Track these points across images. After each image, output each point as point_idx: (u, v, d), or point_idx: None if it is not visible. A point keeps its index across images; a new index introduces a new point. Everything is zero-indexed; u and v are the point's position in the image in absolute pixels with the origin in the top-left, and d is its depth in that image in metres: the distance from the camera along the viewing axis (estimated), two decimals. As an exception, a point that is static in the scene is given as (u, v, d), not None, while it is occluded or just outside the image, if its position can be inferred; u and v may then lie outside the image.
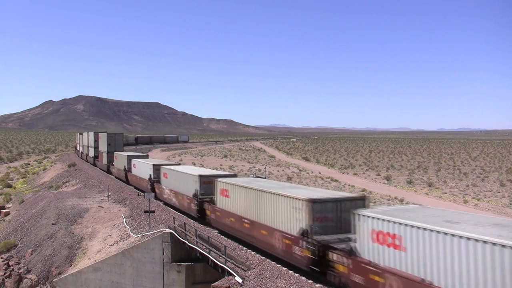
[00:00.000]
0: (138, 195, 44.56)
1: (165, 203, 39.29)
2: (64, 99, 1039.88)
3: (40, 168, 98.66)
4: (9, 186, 74.47)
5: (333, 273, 17.48)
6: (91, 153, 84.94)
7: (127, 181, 53.61)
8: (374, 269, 15.43)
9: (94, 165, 79.94)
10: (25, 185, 76.86)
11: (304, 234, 18.97)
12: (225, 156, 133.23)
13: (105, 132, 77.89)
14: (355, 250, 16.58)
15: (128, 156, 55.48)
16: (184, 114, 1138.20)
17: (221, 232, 27.94)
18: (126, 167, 54.13)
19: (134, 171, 50.44)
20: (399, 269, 14.60)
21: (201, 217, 30.73)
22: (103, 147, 72.53)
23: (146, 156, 59.40)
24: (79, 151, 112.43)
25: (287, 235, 20.31)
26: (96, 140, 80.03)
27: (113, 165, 63.76)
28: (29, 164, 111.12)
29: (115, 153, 63.81)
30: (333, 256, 17.48)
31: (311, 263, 18.42)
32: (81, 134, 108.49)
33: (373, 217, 15.77)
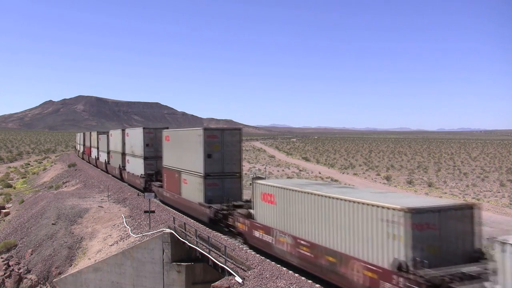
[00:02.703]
0: (138, 195, 44.55)
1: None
2: (64, 99, 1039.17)
3: (40, 168, 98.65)
4: (9, 186, 74.49)
5: None
6: (137, 167, 46.01)
7: None
8: None
9: (146, 189, 41.51)
10: (25, 185, 76.86)
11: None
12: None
13: (198, 128, 31.43)
14: None
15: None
16: (184, 114, 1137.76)
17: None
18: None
19: None
20: None
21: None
22: (189, 161, 32.03)
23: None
24: (95, 158, 76.59)
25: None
26: (149, 144, 43.81)
27: (250, 221, 23.76)
28: (29, 164, 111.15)
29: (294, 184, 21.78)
30: None
31: None
32: (102, 133, 72.59)
33: None
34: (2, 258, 34.27)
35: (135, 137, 47.28)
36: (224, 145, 29.74)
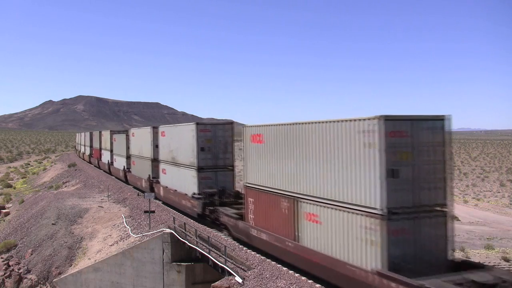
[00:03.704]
0: (138, 195, 44.56)
1: None
2: (64, 99, 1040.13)
3: (40, 168, 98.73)
4: (9, 186, 74.64)
5: None
6: (183, 182, 32.11)
7: None
8: None
9: (205, 217, 28.86)
10: (25, 185, 76.93)
11: None
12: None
13: None
14: None
15: None
16: (184, 114, 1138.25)
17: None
18: None
19: None
20: None
21: None
22: (327, 179, 16.85)
23: None
24: (108, 164, 63.06)
25: None
26: (205, 148, 29.94)
27: None
28: (29, 164, 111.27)
29: None
30: None
31: None
32: (117, 133, 60.34)
33: None
34: (2, 258, 34.31)
35: (180, 138, 33.10)
36: (419, 151, 15.05)
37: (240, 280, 19.82)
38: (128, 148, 50.53)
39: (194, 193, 29.76)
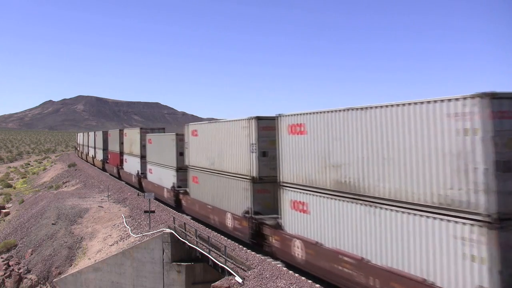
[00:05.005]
0: (138, 195, 44.55)
1: None
2: (64, 99, 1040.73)
3: (40, 168, 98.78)
4: (9, 186, 74.69)
5: None
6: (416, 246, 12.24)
7: None
8: None
9: None
10: (25, 185, 76.98)
11: None
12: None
13: None
14: None
15: None
16: (184, 114, 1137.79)
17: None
18: None
19: None
20: None
21: None
22: None
23: None
24: (137, 175, 45.64)
25: None
26: None
27: None
28: (29, 164, 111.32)
29: None
30: None
31: None
32: (150, 131, 45.85)
33: None
34: (2, 258, 34.33)
35: (387, 135, 13.30)
36: None
37: (240, 280, 19.81)
38: (180, 155, 33.39)
39: None
